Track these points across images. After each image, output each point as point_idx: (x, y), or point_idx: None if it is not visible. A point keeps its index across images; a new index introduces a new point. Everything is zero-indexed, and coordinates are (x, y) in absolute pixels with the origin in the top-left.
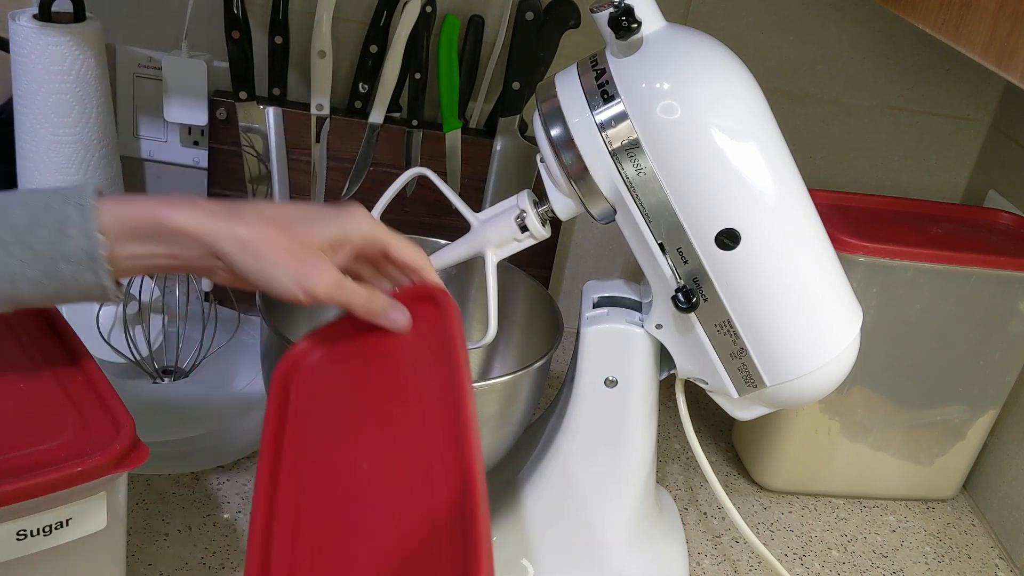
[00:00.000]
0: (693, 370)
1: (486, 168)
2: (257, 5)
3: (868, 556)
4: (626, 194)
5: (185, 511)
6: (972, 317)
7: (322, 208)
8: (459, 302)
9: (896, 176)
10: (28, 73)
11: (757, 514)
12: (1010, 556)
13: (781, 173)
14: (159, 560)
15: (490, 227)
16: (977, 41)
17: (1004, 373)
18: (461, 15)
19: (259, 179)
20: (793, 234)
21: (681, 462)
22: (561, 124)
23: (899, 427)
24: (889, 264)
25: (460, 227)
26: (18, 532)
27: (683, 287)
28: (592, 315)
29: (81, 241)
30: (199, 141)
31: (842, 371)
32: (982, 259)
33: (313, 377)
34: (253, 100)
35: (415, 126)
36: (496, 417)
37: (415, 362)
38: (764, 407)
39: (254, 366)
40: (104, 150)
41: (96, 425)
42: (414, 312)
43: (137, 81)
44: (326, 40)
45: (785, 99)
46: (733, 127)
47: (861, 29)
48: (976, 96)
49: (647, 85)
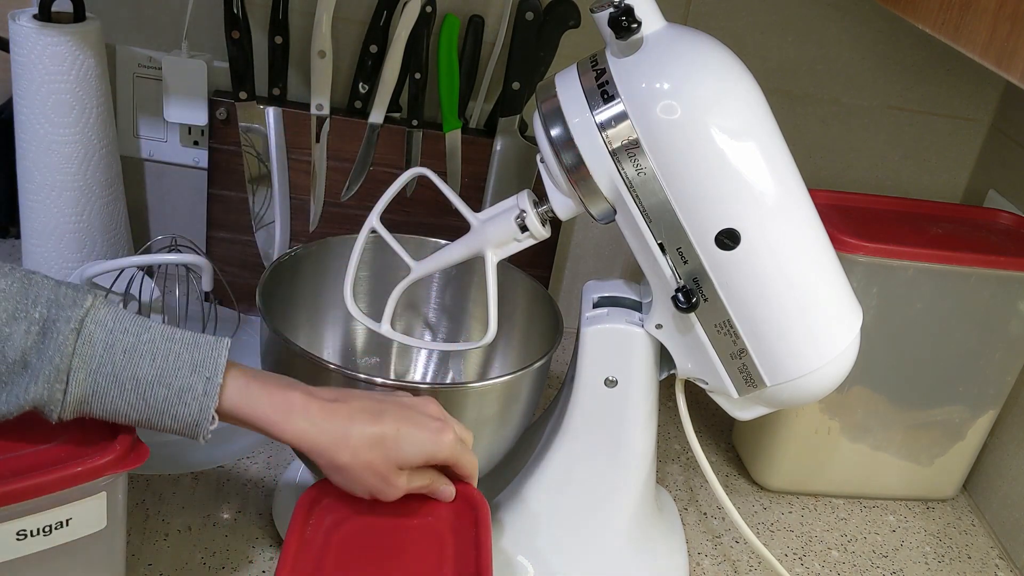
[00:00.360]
0: (693, 370)
1: (486, 168)
2: (257, 5)
3: (868, 556)
4: (626, 194)
5: (185, 511)
6: (972, 317)
7: (418, 423)
8: (459, 302)
9: (896, 176)
10: (28, 73)
11: (757, 514)
12: (1010, 556)
13: (781, 173)
14: (159, 560)
15: (490, 227)
16: (977, 41)
17: (1004, 373)
18: (461, 15)
19: (259, 179)
20: (793, 234)
21: (681, 462)
22: (561, 124)
23: (899, 427)
24: (889, 264)
25: (460, 227)
26: (18, 532)
27: (683, 287)
28: (592, 315)
29: (194, 412)
30: (199, 141)
31: (842, 371)
32: (982, 259)
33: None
34: (253, 100)
35: (415, 126)
36: (496, 417)
37: (437, 547)
38: (764, 407)
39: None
40: (104, 150)
41: (96, 425)
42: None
43: (137, 81)
44: (326, 40)
45: (785, 99)
46: (733, 127)
47: (861, 29)
48: (976, 96)
49: (647, 85)
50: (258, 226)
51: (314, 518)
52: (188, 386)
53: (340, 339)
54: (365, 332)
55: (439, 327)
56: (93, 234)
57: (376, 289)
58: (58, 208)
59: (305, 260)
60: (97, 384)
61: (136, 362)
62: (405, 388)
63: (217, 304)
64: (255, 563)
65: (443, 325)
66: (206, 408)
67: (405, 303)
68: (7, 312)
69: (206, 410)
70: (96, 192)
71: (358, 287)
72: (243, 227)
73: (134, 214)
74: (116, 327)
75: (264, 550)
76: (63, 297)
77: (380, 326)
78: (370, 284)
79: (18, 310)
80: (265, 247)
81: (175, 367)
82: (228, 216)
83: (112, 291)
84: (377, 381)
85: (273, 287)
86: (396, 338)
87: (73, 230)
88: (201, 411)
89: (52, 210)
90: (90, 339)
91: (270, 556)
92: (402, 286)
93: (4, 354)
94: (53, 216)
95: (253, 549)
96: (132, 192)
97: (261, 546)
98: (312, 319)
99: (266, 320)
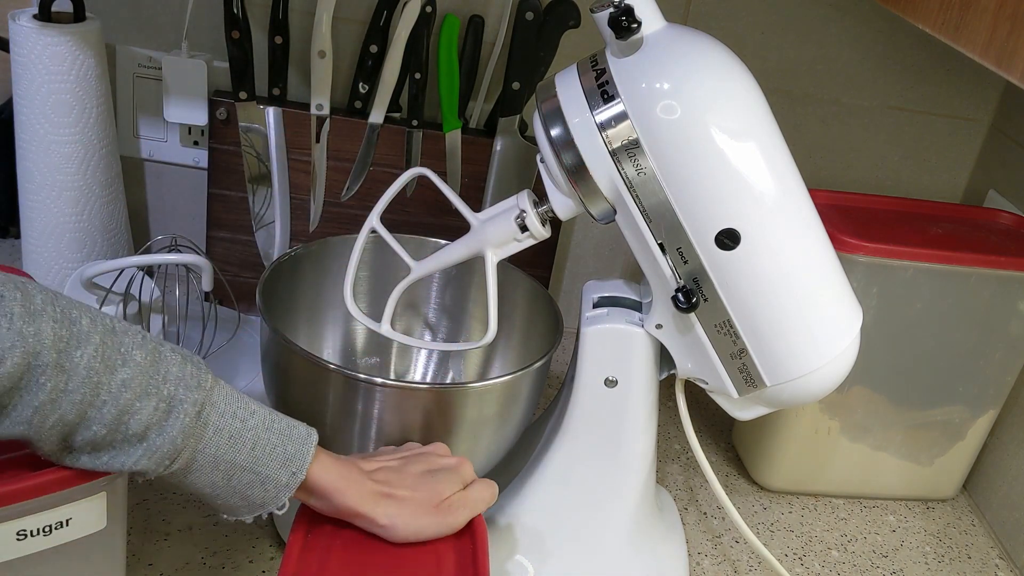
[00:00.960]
0: (693, 370)
1: (486, 168)
2: (257, 5)
3: (868, 556)
4: (626, 194)
5: (185, 511)
6: (972, 317)
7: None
8: (459, 302)
9: (896, 176)
10: (28, 73)
11: (757, 514)
12: (1010, 556)
13: (781, 173)
14: (159, 560)
15: (490, 227)
16: (977, 41)
17: (1004, 373)
18: (461, 15)
19: (259, 179)
20: (793, 234)
21: (681, 462)
22: (561, 124)
23: (899, 427)
24: (889, 264)
25: (460, 227)
26: (18, 532)
27: (683, 287)
28: (592, 315)
29: (271, 497)
30: (199, 141)
31: (842, 371)
32: (982, 259)
33: (334, 523)
34: (253, 100)
35: (415, 126)
36: (496, 417)
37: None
38: (764, 407)
39: (254, 366)
40: (104, 150)
41: None
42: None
43: (137, 81)
44: (326, 40)
45: (785, 99)
46: (733, 127)
47: (861, 29)
48: (976, 96)
49: (647, 85)
50: (258, 226)
51: (316, 524)
52: (274, 478)
53: (340, 339)
54: (365, 332)
55: (439, 327)
56: (93, 234)
57: (376, 289)
58: (58, 208)
59: (305, 260)
60: (196, 463)
61: (237, 449)
62: (405, 388)
63: (217, 304)
64: (255, 563)
65: (443, 325)
66: (281, 497)
67: (405, 303)
68: (141, 387)
69: (280, 499)
70: (96, 192)
71: (358, 287)
72: (243, 227)
73: (134, 214)
74: (227, 411)
75: (264, 550)
76: (189, 377)
77: (380, 326)
78: (370, 284)
79: (150, 386)
80: (265, 247)
81: (268, 457)
82: (228, 216)
83: (112, 291)
84: (377, 381)
85: (273, 287)
86: (396, 338)
87: (73, 230)
88: (276, 498)
89: (52, 210)
90: (206, 423)
91: (271, 556)
92: (402, 286)
93: (127, 426)
94: (53, 216)
95: (253, 549)
96: (132, 192)
97: (261, 546)
98: (312, 319)
99: (266, 320)
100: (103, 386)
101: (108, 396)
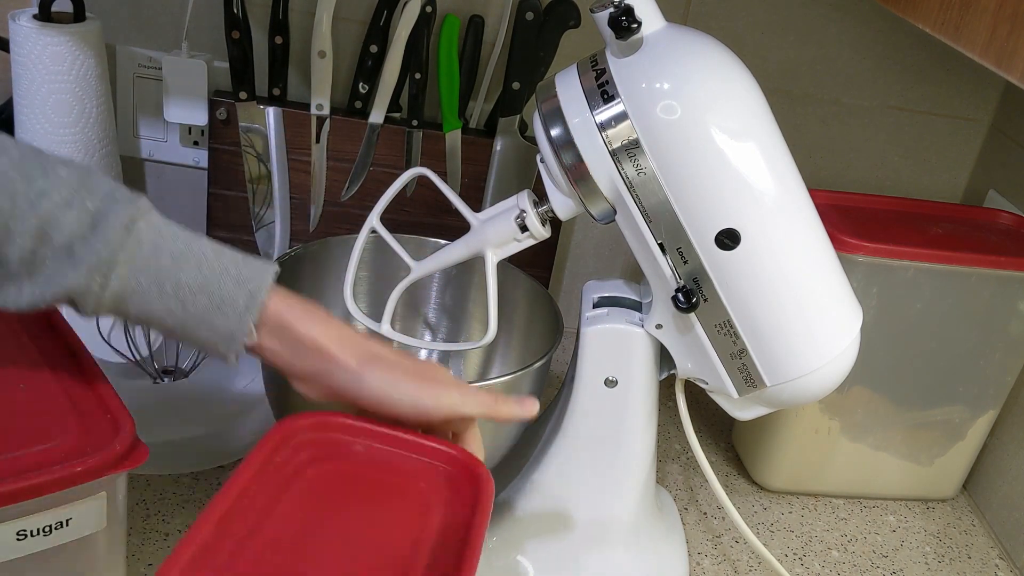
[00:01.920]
0: (693, 370)
1: (486, 168)
2: (257, 5)
3: (868, 556)
4: (626, 194)
5: (185, 511)
6: (972, 317)
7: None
8: (459, 302)
9: (896, 176)
10: (28, 73)
11: (757, 514)
12: (1010, 556)
13: (781, 173)
14: (159, 560)
15: (490, 227)
16: (977, 41)
17: (1004, 373)
18: (461, 15)
19: (259, 179)
20: (793, 234)
21: (681, 462)
22: (561, 124)
23: (899, 427)
24: (889, 264)
25: (460, 227)
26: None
27: (683, 287)
28: (592, 315)
29: (233, 323)
30: (199, 141)
31: (842, 371)
32: (982, 259)
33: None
34: (253, 100)
35: (415, 126)
36: None
37: (424, 513)
38: (764, 407)
39: (254, 366)
40: (104, 150)
41: (96, 425)
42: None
43: (137, 81)
44: (326, 40)
45: (785, 99)
46: (733, 127)
47: (861, 29)
48: (976, 96)
49: (647, 85)
50: (258, 226)
51: (288, 447)
52: (230, 298)
53: None
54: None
55: (439, 327)
56: None
57: (376, 289)
58: None
59: (305, 260)
60: (138, 283)
61: (181, 268)
62: None
63: None
64: None
65: (443, 325)
66: (244, 322)
67: (405, 303)
68: (62, 198)
69: (244, 324)
70: None
71: (358, 287)
72: (243, 227)
73: None
74: (167, 232)
75: None
76: (120, 195)
77: (380, 326)
78: (370, 284)
79: (74, 198)
80: (265, 247)
81: (220, 278)
82: (228, 216)
83: None
84: None
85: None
86: (396, 338)
87: None
88: (239, 324)
89: None
90: (139, 238)
91: None
92: (402, 286)
93: (51, 238)
94: None
95: None
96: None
97: None
98: None
99: None
100: (19, 195)
101: (26, 204)
